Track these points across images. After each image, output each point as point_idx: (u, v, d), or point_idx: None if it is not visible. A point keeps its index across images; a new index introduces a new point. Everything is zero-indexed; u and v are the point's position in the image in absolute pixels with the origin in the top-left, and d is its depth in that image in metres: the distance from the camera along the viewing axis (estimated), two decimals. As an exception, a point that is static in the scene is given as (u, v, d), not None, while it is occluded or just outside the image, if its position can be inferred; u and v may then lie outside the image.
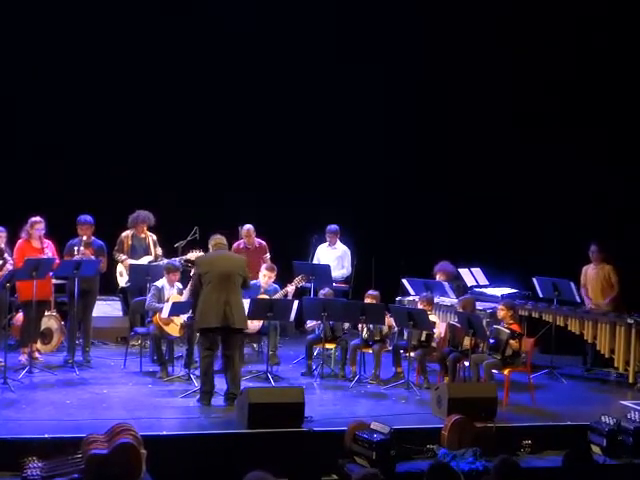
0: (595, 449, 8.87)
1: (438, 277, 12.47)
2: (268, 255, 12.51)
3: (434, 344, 11.09)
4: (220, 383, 9.84)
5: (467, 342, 10.69)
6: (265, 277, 11.35)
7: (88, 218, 11.34)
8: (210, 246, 10.10)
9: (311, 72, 14.03)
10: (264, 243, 12.64)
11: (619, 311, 11.71)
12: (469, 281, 12.87)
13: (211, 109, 13.89)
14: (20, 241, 10.98)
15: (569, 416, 9.74)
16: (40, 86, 13.23)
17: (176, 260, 11.68)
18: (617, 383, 11.52)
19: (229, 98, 13.93)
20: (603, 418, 9.05)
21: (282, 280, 11.74)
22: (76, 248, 11.16)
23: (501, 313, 10.73)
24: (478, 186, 14.22)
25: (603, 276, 12.17)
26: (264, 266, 11.60)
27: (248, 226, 12.47)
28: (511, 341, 10.41)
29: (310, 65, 14.00)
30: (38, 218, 10.97)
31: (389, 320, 11.10)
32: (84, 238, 11.23)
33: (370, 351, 11.13)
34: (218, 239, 10.08)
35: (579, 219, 13.30)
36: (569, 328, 11.86)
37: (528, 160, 13.89)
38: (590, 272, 12.27)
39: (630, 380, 11.31)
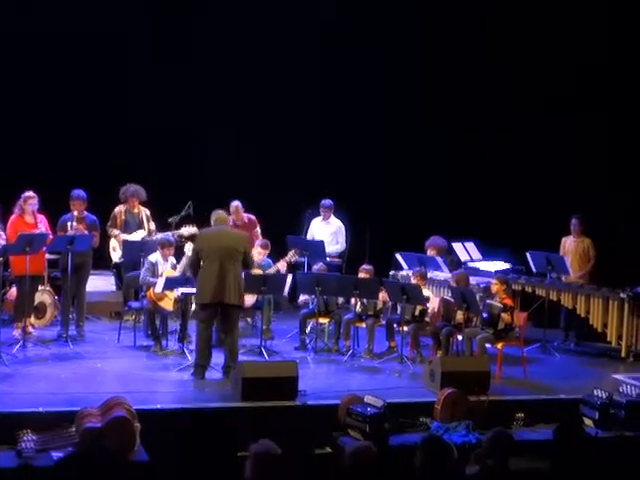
0: (587, 422, 8.91)
1: (429, 252, 12.48)
2: (258, 230, 12.49)
3: (427, 318, 11.12)
4: (215, 357, 9.86)
5: (460, 316, 10.72)
6: (260, 255, 11.36)
7: (81, 193, 11.31)
8: (212, 221, 10.06)
9: (309, 39, 13.95)
10: (253, 218, 12.61)
11: (592, 285, 11.80)
12: (462, 256, 12.88)
13: (207, 82, 13.82)
14: (13, 216, 10.95)
15: (562, 389, 9.80)
16: (30, 55, 13.14)
17: (170, 235, 11.67)
18: (609, 357, 11.56)
19: (225, 73, 13.86)
20: (595, 391, 9.09)
21: (276, 255, 11.75)
22: (69, 223, 11.14)
23: (494, 287, 10.76)
24: (473, 161, 14.22)
25: (582, 249, 12.26)
26: (258, 242, 11.59)
27: (235, 202, 12.41)
28: (503, 315, 10.44)
29: (305, 32, 13.92)
30: (31, 193, 10.94)
31: (383, 295, 11.11)
32: (76, 213, 11.20)
33: (363, 325, 11.15)
34: (220, 214, 10.06)
35: (565, 193, 13.30)
36: (562, 302, 11.91)
37: (522, 134, 13.87)
38: (569, 244, 12.36)
39: (623, 354, 11.36)
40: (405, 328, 10.85)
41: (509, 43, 13.88)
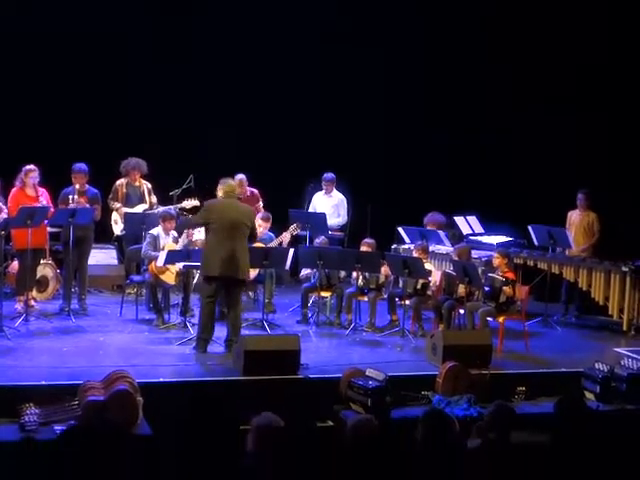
0: (589, 395, 8.93)
1: (428, 228, 12.47)
2: (261, 204, 12.47)
3: (429, 292, 11.12)
4: (217, 331, 9.87)
5: (462, 290, 10.72)
6: (260, 227, 11.34)
7: (82, 166, 11.28)
8: (221, 191, 9.86)
9: (309, 35, 13.89)
10: (256, 191, 12.59)
11: (594, 258, 11.82)
12: (465, 229, 12.88)
13: (206, 57, 13.74)
14: (14, 189, 10.93)
15: (563, 363, 9.83)
16: (30, 32, 13.08)
17: (172, 208, 11.65)
18: (611, 330, 11.57)
19: (223, 45, 13.79)
20: (597, 365, 9.11)
21: (278, 228, 11.73)
22: (70, 197, 11.11)
23: (496, 261, 10.75)
24: (475, 135, 14.18)
25: (587, 222, 12.26)
26: (259, 215, 11.57)
27: (240, 175, 12.38)
28: (504, 288, 10.44)
29: (306, 29, 13.86)
30: (32, 166, 10.92)
31: (386, 269, 11.11)
32: (78, 186, 11.18)
33: (365, 299, 11.16)
34: (230, 185, 9.94)
35: (571, 167, 13.27)
36: (564, 276, 11.91)
37: (525, 109, 13.82)
38: (574, 218, 12.37)
39: (624, 328, 11.37)
40: (407, 302, 10.85)
41: (509, 43, 13.83)
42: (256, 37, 13.86)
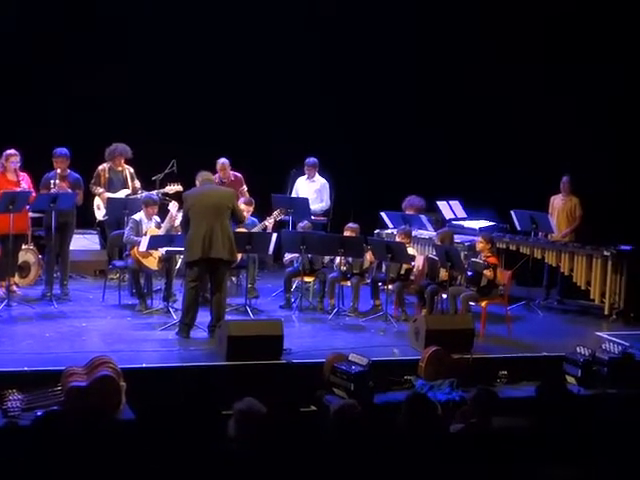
0: (570, 380, 8.99)
1: (407, 212, 12.49)
2: (245, 187, 12.45)
3: (412, 277, 11.15)
4: (200, 316, 9.86)
5: (444, 274, 10.74)
6: (243, 211, 11.31)
7: (64, 151, 11.22)
8: (198, 182, 10.02)
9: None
10: (239, 175, 12.57)
11: (576, 243, 11.88)
12: (447, 214, 12.90)
13: (188, 42, 13.64)
14: (-5, 174, 10.88)
15: (545, 347, 9.87)
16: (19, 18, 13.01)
17: (154, 193, 11.62)
18: (592, 314, 11.63)
19: (204, 30, 13.71)
20: (578, 349, 9.16)
21: (261, 214, 11.72)
22: (52, 181, 11.05)
23: (480, 245, 10.77)
24: (457, 120, 14.17)
25: (570, 207, 12.31)
26: (242, 200, 11.55)
27: (223, 160, 12.36)
28: (485, 271, 10.47)
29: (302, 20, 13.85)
30: (13, 151, 10.86)
31: (370, 255, 11.11)
32: (59, 171, 11.12)
33: (348, 284, 11.17)
34: (205, 174, 10.07)
35: (554, 152, 13.29)
36: (546, 260, 11.96)
37: (507, 89, 13.81)
38: (557, 202, 12.42)
39: (606, 312, 11.43)
40: (390, 287, 10.87)
41: (495, 24, 13.80)
42: (241, 20, 13.78)
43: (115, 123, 12.78)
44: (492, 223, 12.60)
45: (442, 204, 12.94)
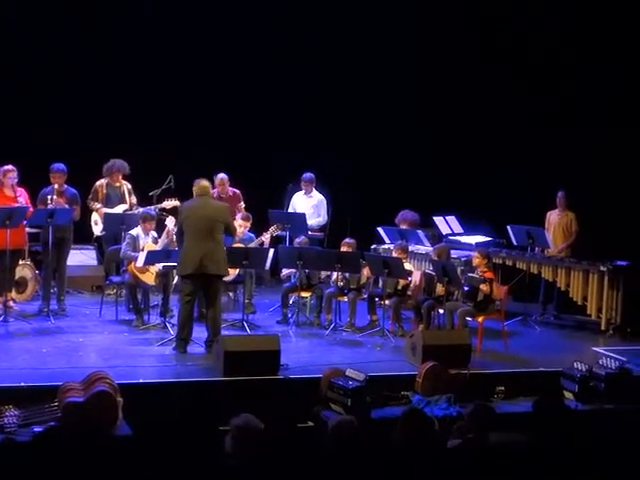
0: (567, 395, 8.98)
1: (401, 227, 12.51)
2: (242, 204, 12.46)
3: (409, 292, 11.15)
4: (197, 331, 9.85)
5: (440, 289, 10.75)
6: (241, 227, 11.34)
7: (61, 166, 11.23)
8: (194, 190, 10.00)
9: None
10: (238, 192, 12.58)
11: (572, 258, 11.88)
12: (444, 229, 12.91)
13: (186, 57, 13.70)
14: (-8, 189, 10.89)
15: (542, 362, 9.87)
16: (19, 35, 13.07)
17: (151, 209, 11.63)
18: (589, 330, 11.63)
19: (198, 43, 13.72)
20: (575, 364, 9.15)
21: (258, 229, 11.73)
22: (49, 197, 11.06)
23: (476, 261, 10.78)
24: (454, 136, 14.21)
25: (565, 223, 12.34)
26: (239, 216, 11.58)
27: (222, 175, 12.39)
28: (481, 286, 10.46)
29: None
30: (10, 166, 10.87)
31: (367, 271, 11.12)
32: (57, 186, 11.13)
33: (345, 299, 11.17)
34: (201, 185, 9.97)
35: (550, 167, 13.33)
36: (542, 275, 11.96)
37: (503, 105, 13.87)
38: (553, 218, 12.44)
39: (602, 327, 11.43)
40: (387, 302, 10.87)
41: (504, 47, 13.85)
42: (236, 36, 13.81)
43: (113, 139, 12.80)
44: (489, 238, 12.61)
45: (439, 219, 12.96)
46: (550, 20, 13.63)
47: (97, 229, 12.21)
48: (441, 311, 10.77)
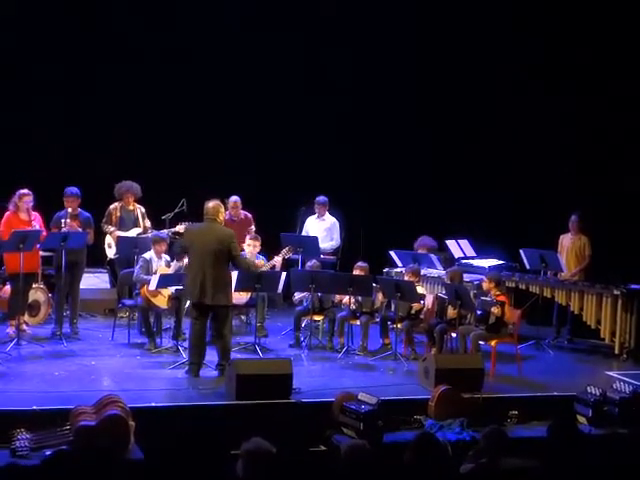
0: (581, 419, 8.94)
1: (419, 251, 12.49)
2: (253, 227, 12.48)
3: (422, 315, 11.13)
4: (209, 355, 9.85)
5: (452, 312, 10.72)
6: (250, 247, 11.35)
7: (74, 190, 11.29)
8: (204, 209, 9.80)
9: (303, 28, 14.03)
10: (250, 215, 12.61)
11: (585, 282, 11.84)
12: (456, 253, 12.90)
13: (198, 78, 13.78)
14: (7, 213, 10.94)
15: (555, 387, 9.82)
16: (25, 51, 13.14)
17: (164, 232, 11.65)
18: (603, 354, 11.58)
19: (213, 66, 13.82)
20: (589, 389, 9.11)
21: (269, 252, 11.73)
22: (63, 220, 11.11)
23: (485, 285, 10.76)
24: (465, 157, 14.23)
25: (579, 246, 12.31)
26: (248, 236, 11.60)
27: (235, 198, 12.43)
28: (492, 308, 10.43)
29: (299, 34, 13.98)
30: (27, 191, 10.93)
31: (381, 293, 11.10)
32: (70, 210, 11.19)
33: (358, 323, 11.15)
34: (211, 207, 9.70)
35: (563, 191, 13.33)
36: (556, 299, 11.92)
37: (518, 126, 13.89)
38: (566, 242, 12.41)
39: (616, 351, 11.38)
40: (399, 325, 10.85)
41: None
42: (251, 58, 13.89)
43: (126, 162, 12.87)
44: (501, 262, 12.60)
45: (451, 243, 12.95)
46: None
47: (110, 252, 12.24)
48: (454, 335, 10.74)
